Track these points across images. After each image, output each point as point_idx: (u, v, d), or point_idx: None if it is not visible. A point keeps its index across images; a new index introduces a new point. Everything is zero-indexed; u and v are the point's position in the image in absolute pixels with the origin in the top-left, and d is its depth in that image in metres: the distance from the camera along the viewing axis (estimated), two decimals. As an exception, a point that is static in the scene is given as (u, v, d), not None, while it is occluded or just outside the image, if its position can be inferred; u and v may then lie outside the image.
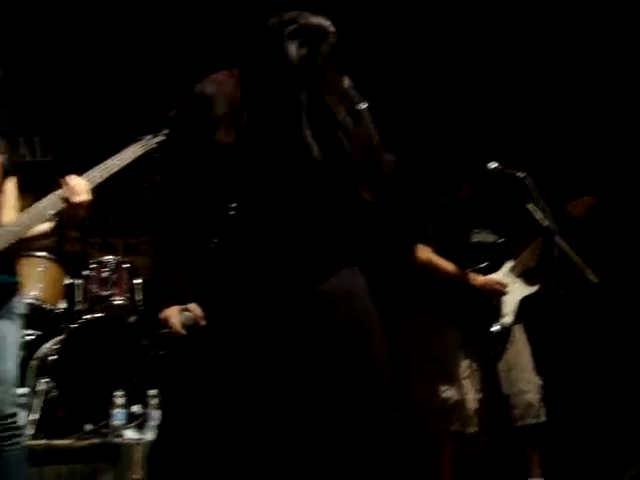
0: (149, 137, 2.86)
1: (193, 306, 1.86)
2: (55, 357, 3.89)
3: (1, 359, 2.46)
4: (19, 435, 2.48)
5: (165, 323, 1.89)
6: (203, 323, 1.86)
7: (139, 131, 2.84)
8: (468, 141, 4.11)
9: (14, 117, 5.35)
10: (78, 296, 4.33)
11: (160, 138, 2.87)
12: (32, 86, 5.34)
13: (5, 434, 2.41)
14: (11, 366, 2.52)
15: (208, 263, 1.91)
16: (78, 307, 4.30)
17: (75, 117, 5.61)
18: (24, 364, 3.87)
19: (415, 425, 3.04)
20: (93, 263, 4.38)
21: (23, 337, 3.96)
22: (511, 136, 4.65)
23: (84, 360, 3.91)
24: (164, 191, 2.09)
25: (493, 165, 3.51)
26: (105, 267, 4.33)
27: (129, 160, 2.72)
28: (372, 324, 1.90)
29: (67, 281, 4.40)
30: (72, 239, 4.94)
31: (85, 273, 4.35)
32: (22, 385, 3.73)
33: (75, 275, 4.42)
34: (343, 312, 1.83)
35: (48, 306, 4.19)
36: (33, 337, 4.10)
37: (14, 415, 2.46)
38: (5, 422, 2.41)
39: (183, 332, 1.84)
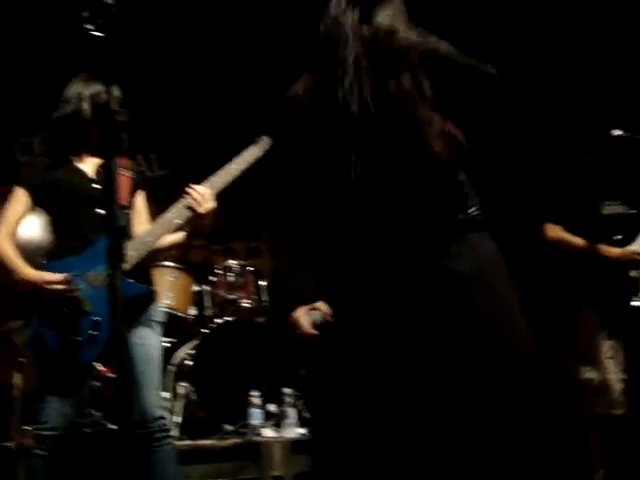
0: (265, 137, 2.91)
1: (320, 304, 1.85)
2: (191, 362, 4.02)
3: (146, 364, 2.56)
4: (168, 436, 2.58)
5: (294, 325, 1.87)
6: (331, 319, 1.84)
7: (254, 134, 2.90)
8: (591, 109, 3.92)
9: (132, 136, 5.61)
10: (207, 302, 4.47)
11: (264, 147, 2.93)
12: (144, 104, 5.55)
13: (157, 435, 2.51)
14: (156, 370, 2.62)
15: (332, 258, 1.90)
16: (208, 312, 4.43)
17: (187, 128, 5.78)
18: (164, 370, 4.05)
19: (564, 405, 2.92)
20: (219, 268, 4.50)
21: (163, 343, 4.16)
22: (635, 101, 4.40)
23: (219, 363, 4.02)
24: (279, 194, 2.09)
25: (617, 132, 3.34)
26: (230, 271, 4.45)
27: (248, 162, 2.78)
28: (512, 299, 1.81)
29: (195, 288, 4.54)
30: (196, 247, 5.10)
31: (212, 279, 4.49)
32: (163, 390, 3.91)
33: (202, 281, 4.56)
34: (482, 288, 1.75)
35: (180, 313, 4.34)
36: (169, 344, 4.25)
37: (163, 417, 2.56)
38: (156, 424, 2.51)
39: (314, 332, 1.83)
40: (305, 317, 1.85)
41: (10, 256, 2.55)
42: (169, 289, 4.35)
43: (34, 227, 4.43)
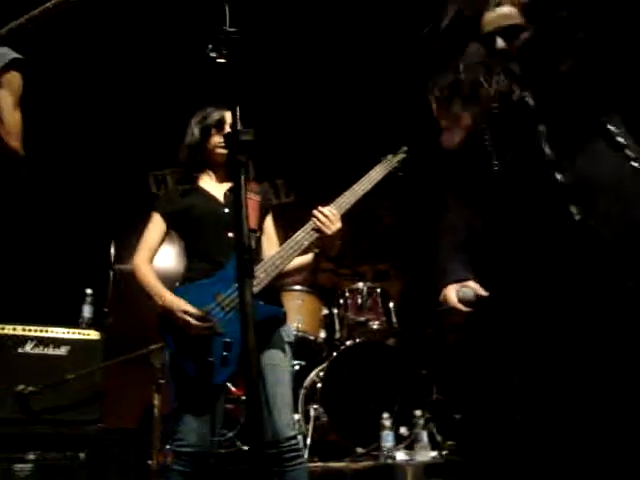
0: (390, 156, 2.91)
1: (471, 282, 1.91)
2: (321, 384, 4.03)
3: (277, 385, 2.58)
4: (300, 456, 2.57)
5: (444, 302, 1.95)
6: (484, 294, 1.87)
7: (376, 154, 2.90)
8: None
9: (258, 163, 5.77)
10: (337, 324, 4.49)
11: (401, 156, 2.92)
12: (269, 131, 5.70)
13: (289, 455, 2.51)
14: (287, 391, 2.63)
15: (491, 242, 1.85)
16: (338, 335, 4.45)
17: (313, 153, 5.87)
18: (294, 392, 4.08)
19: None
20: (347, 291, 4.52)
21: (293, 365, 4.21)
22: None
23: (349, 385, 4.00)
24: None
25: None
26: (359, 294, 4.45)
27: (374, 182, 2.78)
28: None
29: (325, 311, 4.57)
30: (324, 271, 5.15)
31: (341, 302, 4.51)
32: (295, 412, 3.94)
33: (332, 304, 4.59)
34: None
35: (310, 336, 4.38)
36: (299, 367, 4.30)
37: (295, 437, 2.57)
38: (288, 444, 2.51)
39: (462, 307, 1.89)
40: (454, 293, 1.94)
41: (150, 280, 2.65)
42: (298, 312, 4.42)
43: (169, 257, 4.66)
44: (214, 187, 2.83)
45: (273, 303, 2.64)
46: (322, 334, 4.47)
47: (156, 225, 2.76)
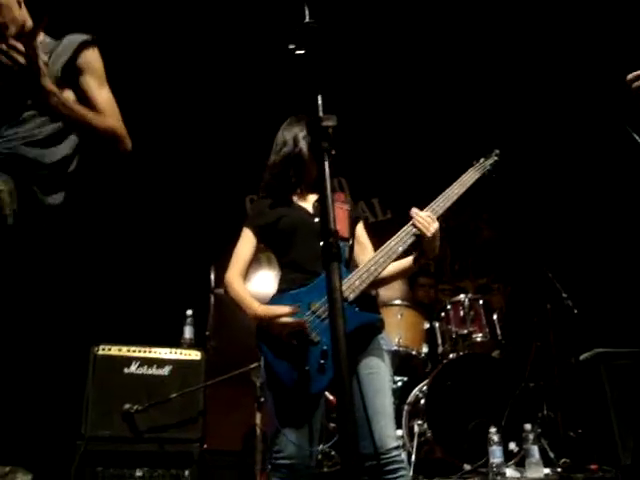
0: (482, 160, 2.82)
1: None
2: (425, 400, 3.91)
3: (377, 394, 2.50)
4: (403, 468, 2.47)
5: None
6: None
7: (467, 160, 2.83)
8: None
9: (354, 182, 5.75)
10: (439, 338, 4.36)
11: (493, 159, 2.83)
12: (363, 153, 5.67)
13: (391, 467, 2.42)
14: (388, 401, 2.55)
15: None
16: (440, 349, 4.32)
17: (406, 170, 5.80)
18: (397, 408, 3.98)
19: None
20: (449, 304, 4.40)
21: (396, 380, 4.11)
22: None
23: (454, 400, 3.86)
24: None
25: None
26: (461, 306, 4.32)
27: (467, 186, 2.72)
28: None
29: (426, 325, 4.46)
30: (423, 286, 5.04)
31: (442, 315, 4.39)
32: (398, 428, 3.83)
33: (433, 318, 4.48)
34: None
35: (412, 351, 4.27)
36: (402, 383, 4.19)
37: (398, 448, 2.47)
38: (390, 455, 2.42)
39: None
40: None
41: (241, 294, 2.64)
42: (398, 327, 4.33)
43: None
44: (303, 200, 2.81)
45: (369, 310, 2.58)
46: (424, 348, 4.35)
47: (247, 239, 2.76)
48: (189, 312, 4.29)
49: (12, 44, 1.94)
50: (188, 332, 4.24)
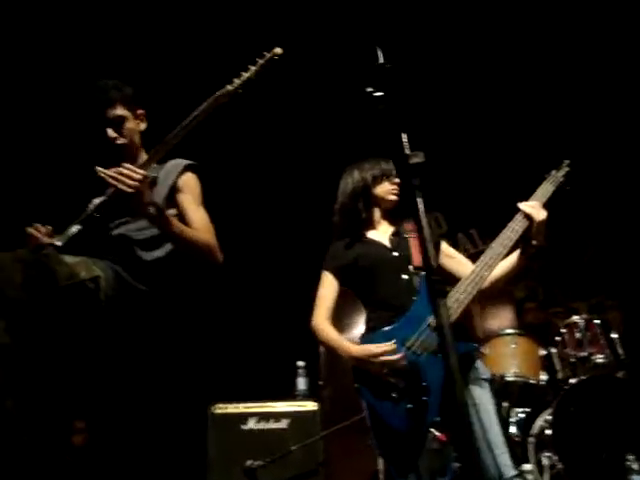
0: (554, 172, 2.80)
1: None
2: (551, 430, 3.74)
3: (485, 425, 2.43)
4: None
5: None
6: None
7: (542, 170, 2.81)
8: None
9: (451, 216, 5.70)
10: (557, 364, 4.19)
11: (565, 170, 2.78)
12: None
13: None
14: (499, 429, 2.46)
15: None
16: (560, 375, 4.15)
17: (494, 196, 5.69)
18: (523, 442, 3.83)
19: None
20: (563, 327, 4.23)
21: (517, 412, 3.96)
22: None
23: (582, 427, 3.67)
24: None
25: None
26: (576, 328, 4.15)
27: (547, 196, 2.69)
28: None
29: (542, 352, 4.30)
30: (532, 310, 4.90)
31: (557, 339, 4.23)
32: (526, 462, 3.68)
33: (548, 344, 4.31)
34: None
35: (531, 380, 4.12)
36: (524, 414, 4.04)
37: (517, 476, 2.39)
38: (512, 484, 2.34)
39: None
40: None
41: (332, 336, 2.65)
42: (514, 357, 4.19)
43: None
44: (377, 234, 2.82)
45: (463, 339, 2.51)
46: (543, 376, 4.17)
47: (327, 283, 2.77)
48: (301, 363, 4.31)
49: (127, 173, 2.18)
50: (301, 383, 4.27)
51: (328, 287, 2.77)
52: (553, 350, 4.26)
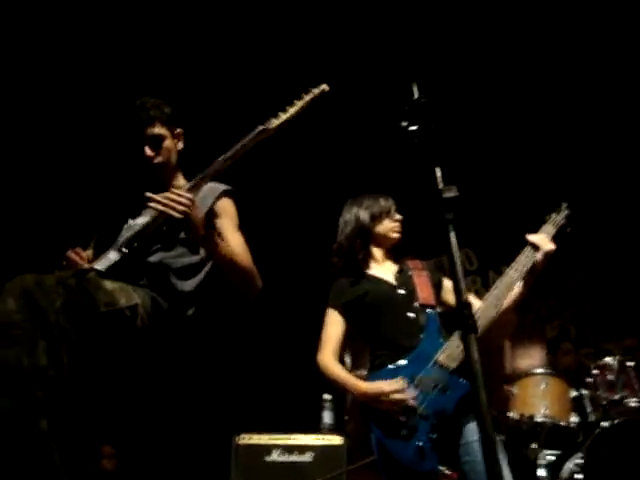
0: (554, 215, 2.83)
1: None
2: (582, 474, 3.65)
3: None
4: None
5: None
6: None
7: (542, 211, 2.84)
8: None
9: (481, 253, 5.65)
10: (588, 406, 4.10)
11: (565, 212, 2.78)
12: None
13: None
14: (508, 473, 2.41)
15: None
16: (591, 417, 4.06)
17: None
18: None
19: None
20: (594, 368, 4.15)
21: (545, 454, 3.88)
22: None
23: (614, 471, 3.59)
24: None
25: None
26: (608, 370, 4.07)
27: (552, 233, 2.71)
28: None
29: (573, 393, 4.21)
30: (567, 352, 4.83)
31: (589, 381, 4.15)
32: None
33: (579, 385, 4.23)
34: None
35: (561, 422, 4.03)
36: (554, 457, 3.95)
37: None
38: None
39: None
40: None
41: (342, 374, 2.62)
42: (543, 397, 4.10)
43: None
44: (381, 271, 2.80)
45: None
46: (573, 418, 4.08)
47: (333, 320, 2.74)
48: (327, 396, 4.28)
49: (174, 198, 2.21)
50: (327, 417, 4.23)
51: (334, 325, 2.73)
52: (584, 392, 4.18)
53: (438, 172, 1.60)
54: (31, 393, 1.78)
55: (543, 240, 2.60)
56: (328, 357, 2.66)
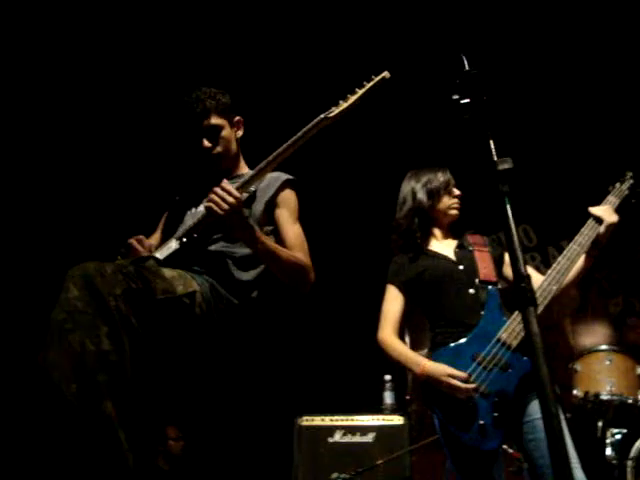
0: (618, 185, 2.75)
1: None
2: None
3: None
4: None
5: None
6: None
7: (604, 182, 2.77)
8: None
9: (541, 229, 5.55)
10: (657, 383, 3.99)
11: (629, 182, 2.69)
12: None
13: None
14: (570, 446, 2.34)
15: None
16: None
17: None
18: (620, 465, 3.66)
19: None
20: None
21: (613, 433, 3.80)
22: None
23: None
24: None
25: None
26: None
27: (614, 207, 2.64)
28: None
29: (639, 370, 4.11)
30: (634, 327, 4.70)
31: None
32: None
33: (645, 361, 4.12)
34: None
35: (628, 399, 3.94)
36: (621, 435, 3.86)
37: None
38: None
39: None
40: None
41: (404, 352, 2.59)
42: (609, 374, 4.02)
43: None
44: (441, 247, 2.76)
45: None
46: (643, 396, 3.99)
47: (392, 296, 2.72)
48: (388, 377, 4.28)
49: (221, 195, 2.22)
50: (388, 397, 4.23)
51: (393, 301, 2.71)
52: (653, 369, 4.07)
53: (492, 144, 1.57)
54: (95, 377, 1.82)
55: (606, 212, 2.55)
56: (388, 334, 2.64)
